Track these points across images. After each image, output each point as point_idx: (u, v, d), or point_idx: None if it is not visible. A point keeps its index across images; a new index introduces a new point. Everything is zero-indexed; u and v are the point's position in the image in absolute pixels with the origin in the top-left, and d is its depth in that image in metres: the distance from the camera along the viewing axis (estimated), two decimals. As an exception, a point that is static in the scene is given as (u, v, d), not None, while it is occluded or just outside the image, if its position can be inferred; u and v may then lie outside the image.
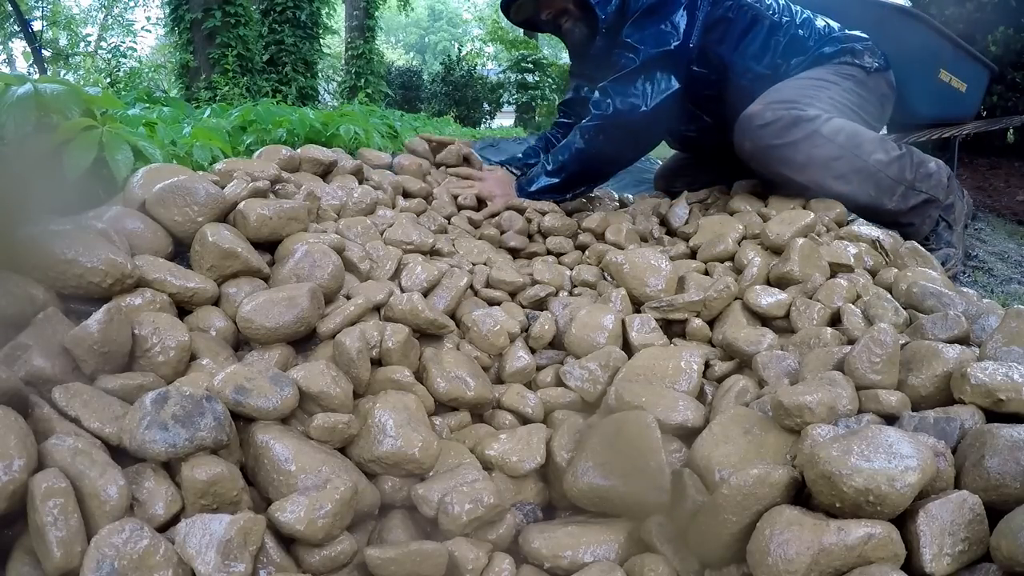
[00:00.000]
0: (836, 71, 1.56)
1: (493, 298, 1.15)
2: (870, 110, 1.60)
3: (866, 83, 1.58)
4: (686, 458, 0.76)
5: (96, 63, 12.46)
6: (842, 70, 1.57)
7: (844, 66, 1.57)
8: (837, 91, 1.53)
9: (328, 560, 0.62)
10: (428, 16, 27.47)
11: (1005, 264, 1.86)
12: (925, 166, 1.49)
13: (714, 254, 1.29)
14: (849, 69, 1.57)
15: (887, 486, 0.53)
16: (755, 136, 1.45)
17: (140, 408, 0.62)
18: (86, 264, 0.77)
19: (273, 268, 0.97)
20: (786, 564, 0.53)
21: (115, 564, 0.51)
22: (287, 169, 1.31)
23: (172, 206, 0.96)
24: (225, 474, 0.61)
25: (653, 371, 0.90)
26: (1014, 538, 0.51)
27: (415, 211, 1.39)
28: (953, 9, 3.45)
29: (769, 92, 1.52)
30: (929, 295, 1.00)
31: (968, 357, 0.75)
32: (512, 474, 0.78)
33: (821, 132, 1.40)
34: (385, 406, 0.77)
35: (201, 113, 2.03)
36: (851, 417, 0.71)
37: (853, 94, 1.55)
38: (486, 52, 17.46)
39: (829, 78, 1.54)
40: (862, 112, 1.57)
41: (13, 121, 0.97)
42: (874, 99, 1.60)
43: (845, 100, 1.53)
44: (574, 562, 0.66)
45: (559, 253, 1.43)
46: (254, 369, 0.72)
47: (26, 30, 7.28)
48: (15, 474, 0.53)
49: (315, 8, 9.14)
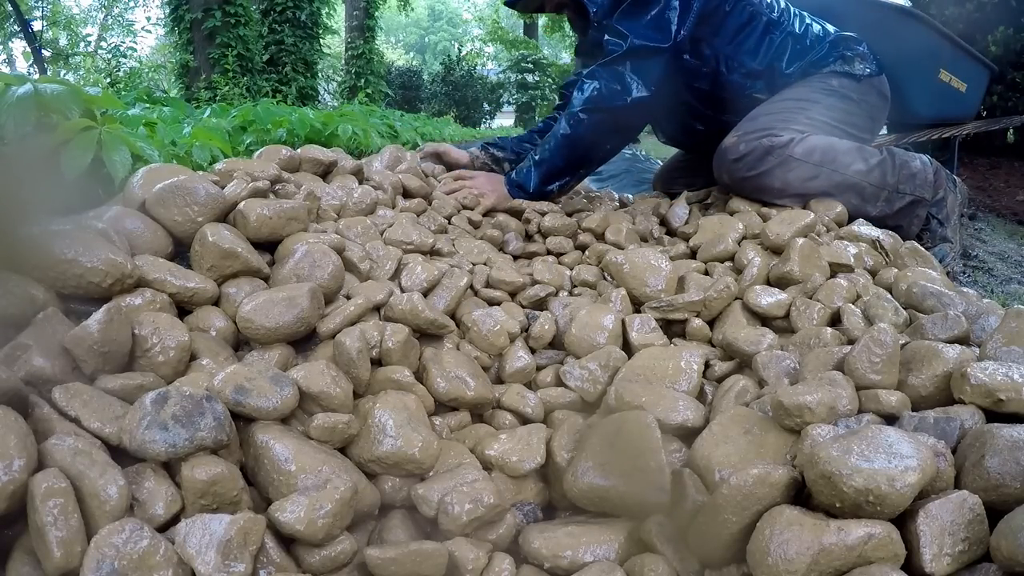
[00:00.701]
0: (821, 86, 1.56)
1: (493, 298, 1.15)
2: (857, 122, 1.59)
3: (853, 96, 1.57)
4: (686, 458, 0.76)
5: (96, 63, 12.46)
6: (828, 83, 1.56)
7: (832, 76, 1.56)
8: (819, 109, 1.53)
9: (328, 560, 0.62)
10: (428, 16, 27.46)
11: (1005, 264, 1.86)
12: (908, 167, 1.50)
13: (714, 254, 1.29)
14: (837, 81, 1.56)
15: (887, 486, 0.53)
16: (730, 170, 1.50)
17: (140, 408, 0.62)
18: (86, 264, 0.77)
19: (273, 268, 0.97)
20: (786, 564, 0.53)
21: (115, 564, 0.51)
22: (287, 169, 1.31)
23: (172, 206, 0.96)
24: (225, 474, 0.61)
25: (653, 371, 0.90)
26: (1014, 538, 0.51)
27: (415, 211, 1.39)
28: (953, 9, 3.44)
29: (745, 121, 1.53)
30: (929, 295, 1.00)
31: (968, 357, 0.75)
32: (512, 474, 0.78)
33: (794, 156, 1.43)
34: (385, 406, 0.77)
35: (201, 113, 2.04)
36: (851, 417, 0.71)
37: (837, 110, 1.55)
38: (486, 52, 17.47)
39: (811, 97, 1.54)
40: (847, 126, 1.57)
41: (13, 121, 0.98)
42: (862, 111, 1.60)
43: (827, 117, 1.53)
44: (574, 562, 0.66)
45: (559, 253, 1.43)
46: (254, 369, 0.72)
47: (26, 30, 7.28)
48: (15, 474, 0.53)
49: (315, 8, 9.14)
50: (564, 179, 1.59)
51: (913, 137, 2.19)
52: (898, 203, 1.48)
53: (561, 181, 1.59)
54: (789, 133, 1.46)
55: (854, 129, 1.59)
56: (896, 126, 2.34)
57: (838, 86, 1.56)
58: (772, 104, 1.55)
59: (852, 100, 1.57)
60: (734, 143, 1.49)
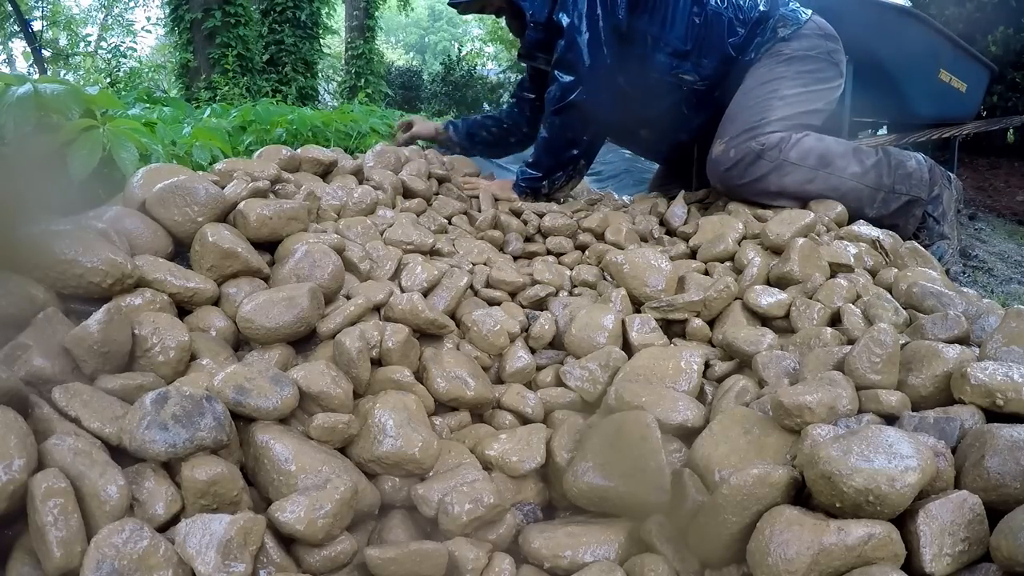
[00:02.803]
0: (776, 60, 1.53)
1: (493, 298, 1.15)
2: (824, 75, 1.56)
3: (809, 52, 1.54)
4: (686, 458, 0.76)
5: (96, 63, 12.46)
6: (781, 53, 1.53)
7: (782, 44, 1.53)
8: (786, 84, 1.51)
9: (328, 560, 0.61)
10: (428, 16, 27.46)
11: (1005, 264, 1.86)
12: (903, 166, 1.50)
13: (714, 254, 1.29)
14: (787, 48, 1.53)
15: (887, 486, 0.53)
16: (724, 179, 1.51)
17: (140, 408, 0.62)
18: (86, 264, 0.77)
19: (273, 268, 0.97)
20: (786, 564, 0.53)
21: (115, 564, 0.51)
22: (287, 169, 1.31)
23: (172, 206, 0.96)
24: (225, 474, 0.61)
25: (653, 371, 0.90)
26: (1014, 538, 0.51)
27: (415, 211, 1.39)
28: (953, 9, 3.45)
29: (724, 123, 1.53)
30: (929, 295, 1.00)
31: (968, 357, 0.75)
32: (512, 474, 0.78)
33: (789, 160, 1.42)
34: (385, 406, 0.77)
35: (201, 113, 2.04)
36: (851, 417, 0.71)
37: (803, 75, 1.53)
38: (486, 52, 17.46)
39: (773, 74, 1.52)
40: (818, 84, 1.54)
41: (13, 121, 0.98)
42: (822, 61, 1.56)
43: (798, 87, 1.51)
44: (574, 562, 0.66)
45: (559, 253, 1.43)
46: (254, 369, 0.72)
47: (26, 30, 7.27)
48: (15, 474, 0.53)
49: (315, 8, 9.13)
50: (557, 175, 1.65)
51: (913, 137, 2.20)
52: (894, 203, 1.49)
53: (554, 176, 1.65)
54: (774, 129, 1.45)
55: (823, 83, 1.56)
56: (896, 126, 2.34)
57: (791, 52, 1.53)
58: (742, 97, 1.53)
59: (810, 57, 1.54)
60: (723, 151, 1.49)
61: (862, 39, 1.67)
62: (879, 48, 1.72)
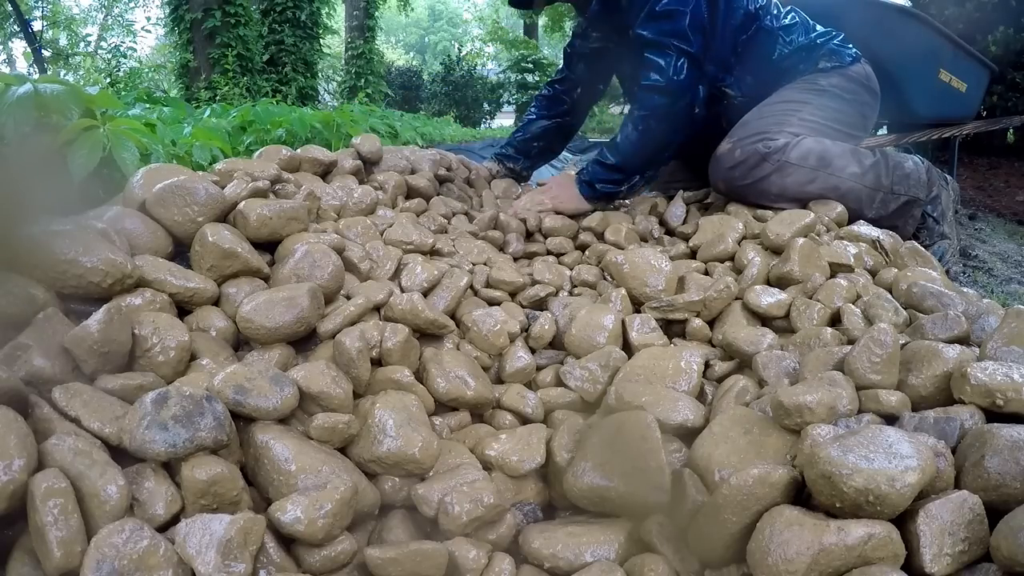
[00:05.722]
0: (811, 87, 1.55)
1: (493, 298, 1.15)
2: (849, 121, 1.59)
3: (844, 95, 1.56)
4: (686, 458, 0.76)
5: (96, 63, 12.46)
6: (818, 83, 1.55)
7: (821, 76, 1.55)
8: (810, 110, 1.53)
9: (328, 560, 0.61)
10: (428, 16, 27.47)
11: (1005, 264, 1.86)
12: (901, 168, 1.50)
13: (714, 254, 1.29)
14: (826, 80, 1.55)
15: (887, 486, 0.53)
16: (726, 177, 1.50)
17: (140, 408, 0.62)
18: (86, 264, 0.77)
19: (273, 268, 0.97)
20: (786, 564, 0.53)
21: (115, 564, 0.51)
22: (287, 169, 1.31)
23: (172, 206, 0.96)
24: (225, 474, 0.61)
25: (653, 371, 0.90)
26: (1014, 538, 0.51)
27: (415, 211, 1.39)
28: (953, 9, 3.45)
29: (738, 127, 1.53)
30: (929, 295, 1.00)
31: (968, 357, 0.75)
32: (512, 474, 0.78)
33: (790, 161, 1.43)
34: (385, 406, 0.77)
35: (201, 113, 2.04)
36: (851, 417, 0.71)
37: (828, 109, 1.55)
38: (486, 52, 17.47)
39: (801, 98, 1.54)
40: (840, 125, 1.56)
41: (13, 121, 0.98)
42: (853, 109, 1.59)
43: (819, 117, 1.53)
44: (574, 562, 0.66)
45: (559, 253, 1.43)
46: (254, 369, 0.72)
47: (26, 30, 7.28)
48: (15, 474, 0.53)
49: (315, 8, 9.14)
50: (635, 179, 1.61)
51: (913, 137, 2.20)
52: (893, 204, 1.49)
53: (633, 182, 1.61)
54: (784, 136, 1.46)
55: (846, 127, 1.58)
56: (896, 126, 2.34)
57: (827, 85, 1.56)
58: (763, 108, 1.55)
59: (843, 99, 1.57)
60: (729, 150, 1.49)
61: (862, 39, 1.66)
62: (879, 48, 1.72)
